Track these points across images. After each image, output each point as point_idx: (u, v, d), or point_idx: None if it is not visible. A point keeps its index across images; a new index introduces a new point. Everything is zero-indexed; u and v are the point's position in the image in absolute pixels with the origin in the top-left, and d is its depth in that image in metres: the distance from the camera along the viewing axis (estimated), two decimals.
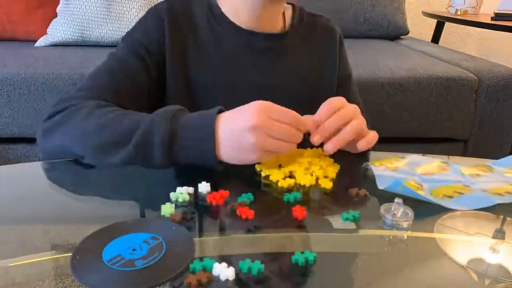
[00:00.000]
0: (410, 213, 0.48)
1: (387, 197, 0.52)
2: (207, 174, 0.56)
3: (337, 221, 0.48)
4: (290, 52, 0.79)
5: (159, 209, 0.49)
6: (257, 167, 0.60)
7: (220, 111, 0.58)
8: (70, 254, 0.41)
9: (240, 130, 0.54)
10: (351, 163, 0.65)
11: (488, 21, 1.94)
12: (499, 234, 0.49)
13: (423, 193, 0.53)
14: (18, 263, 0.41)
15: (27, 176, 0.61)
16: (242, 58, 0.76)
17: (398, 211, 0.48)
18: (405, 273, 0.42)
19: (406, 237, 0.47)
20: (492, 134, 1.52)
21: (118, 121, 0.59)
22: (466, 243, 0.47)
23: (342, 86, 0.85)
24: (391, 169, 0.59)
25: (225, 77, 0.75)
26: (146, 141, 0.56)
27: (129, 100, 0.68)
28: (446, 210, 0.51)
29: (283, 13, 0.81)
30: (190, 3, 0.78)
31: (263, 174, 0.58)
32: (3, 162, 1.40)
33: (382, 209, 0.49)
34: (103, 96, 0.66)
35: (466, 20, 2.02)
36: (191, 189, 0.53)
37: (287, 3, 0.82)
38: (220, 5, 0.77)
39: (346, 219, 0.49)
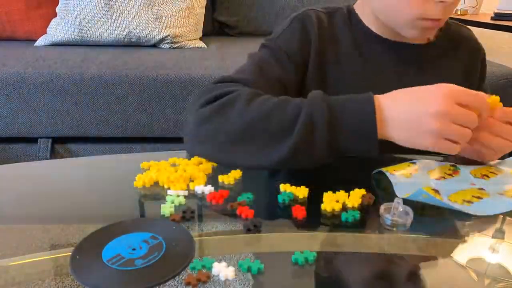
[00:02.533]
0: (410, 212, 0.48)
1: (388, 197, 0.52)
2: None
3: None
4: (433, 64, 0.75)
5: (159, 208, 0.49)
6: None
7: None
8: (70, 253, 0.41)
9: (422, 113, 0.51)
10: (360, 167, 0.64)
11: (488, 21, 1.94)
12: (499, 234, 0.49)
13: (442, 200, 0.52)
14: (18, 262, 0.41)
15: (27, 176, 0.61)
16: (384, 69, 0.74)
17: (398, 210, 0.48)
18: (405, 273, 0.42)
19: (405, 237, 0.47)
20: None
21: (281, 108, 0.56)
22: (466, 243, 0.47)
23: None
24: (405, 176, 0.58)
25: (365, 88, 0.69)
26: (309, 124, 0.53)
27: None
28: (446, 210, 0.51)
29: None
30: (331, 13, 0.76)
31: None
32: (2, 161, 1.40)
33: (382, 208, 0.49)
34: (249, 86, 0.64)
35: (466, 20, 2.02)
36: (185, 192, 0.53)
37: None
38: (360, 16, 0.75)
39: (346, 219, 0.49)
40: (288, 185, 0.55)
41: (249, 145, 0.56)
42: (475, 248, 0.46)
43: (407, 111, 0.53)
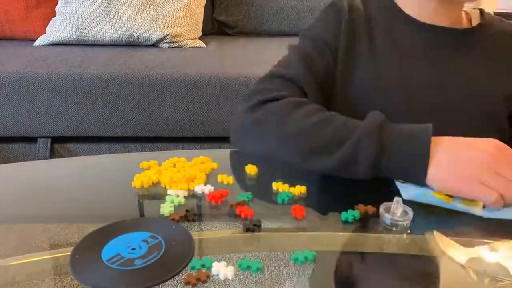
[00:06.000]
0: (410, 212, 0.48)
1: (388, 196, 0.52)
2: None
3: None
4: (472, 51, 0.72)
5: (158, 208, 0.49)
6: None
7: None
8: (70, 253, 0.41)
9: (467, 159, 0.51)
10: None
11: None
12: (499, 234, 0.49)
13: (454, 202, 0.51)
14: (18, 262, 0.41)
15: (26, 175, 0.61)
16: (418, 52, 0.72)
17: (397, 210, 0.48)
18: (404, 272, 0.42)
19: (405, 236, 0.47)
20: None
21: (324, 126, 0.58)
22: (466, 243, 0.47)
23: None
24: None
25: (398, 73, 0.71)
26: (352, 156, 0.54)
27: (310, 90, 0.68)
28: (445, 210, 0.51)
29: (467, 14, 0.76)
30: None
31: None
32: (2, 161, 1.40)
33: (382, 208, 0.49)
34: (299, 84, 0.67)
35: None
36: (185, 192, 0.53)
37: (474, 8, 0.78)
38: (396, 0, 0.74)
39: (346, 218, 0.49)
40: (280, 183, 0.55)
41: (296, 154, 0.59)
42: (475, 248, 0.46)
43: (456, 157, 0.52)
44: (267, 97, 0.63)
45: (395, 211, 0.48)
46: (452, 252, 0.44)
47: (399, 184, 0.55)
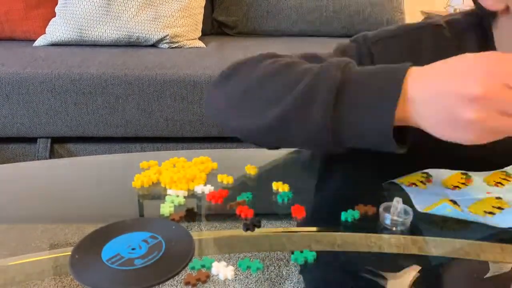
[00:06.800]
0: (410, 212, 0.48)
1: (387, 196, 0.52)
2: None
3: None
4: None
5: (158, 208, 0.49)
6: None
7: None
8: (69, 253, 0.41)
9: (455, 98, 0.39)
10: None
11: None
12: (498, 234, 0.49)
13: (462, 211, 0.50)
14: (18, 262, 0.41)
15: (26, 175, 0.61)
16: None
17: (397, 210, 0.48)
18: (403, 273, 0.42)
19: (405, 237, 0.47)
20: None
21: (289, 70, 0.50)
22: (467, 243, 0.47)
23: None
24: (421, 187, 0.56)
25: None
26: (310, 90, 0.44)
27: None
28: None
29: None
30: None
31: None
32: (1, 161, 1.40)
33: (382, 207, 0.49)
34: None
35: None
36: (185, 192, 0.53)
37: None
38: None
39: (346, 218, 0.49)
40: (280, 183, 0.55)
41: (246, 108, 0.51)
42: (476, 248, 0.46)
43: (435, 93, 0.41)
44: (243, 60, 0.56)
45: (395, 211, 0.48)
46: None
47: (411, 195, 0.53)
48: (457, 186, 0.57)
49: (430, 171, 0.59)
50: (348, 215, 0.49)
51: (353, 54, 0.59)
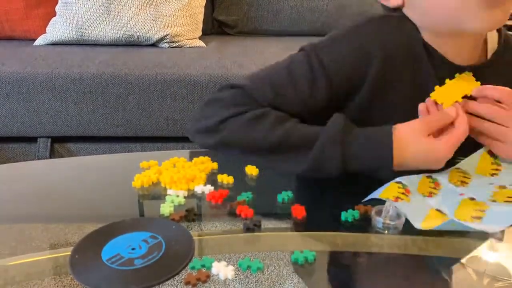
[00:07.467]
0: (402, 215, 0.47)
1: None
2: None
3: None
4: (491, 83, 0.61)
5: (158, 208, 0.49)
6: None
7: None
8: (69, 253, 0.41)
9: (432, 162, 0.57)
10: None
11: None
12: (498, 234, 0.49)
13: (448, 218, 0.49)
14: (18, 261, 0.41)
15: (26, 175, 0.61)
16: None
17: (389, 213, 0.47)
18: (402, 272, 0.42)
19: (405, 237, 0.47)
20: None
21: (288, 141, 0.58)
22: (466, 243, 0.47)
23: None
24: (406, 201, 0.52)
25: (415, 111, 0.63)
26: (318, 163, 0.56)
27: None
28: None
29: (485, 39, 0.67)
30: (400, 34, 0.65)
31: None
32: (1, 161, 1.40)
33: (373, 211, 0.48)
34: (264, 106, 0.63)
35: None
36: (185, 192, 0.53)
37: None
38: (423, 34, 0.64)
39: (346, 218, 0.49)
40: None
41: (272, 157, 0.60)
42: (475, 248, 0.46)
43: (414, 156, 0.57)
44: (229, 114, 0.61)
45: (386, 214, 0.47)
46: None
47: (404, 213, 0.50)
48: (431, 192, 0.55)
49: (402, 179, 0.56)
50: (348, 215, 0.49)
51: (304, 70, 0.63)
